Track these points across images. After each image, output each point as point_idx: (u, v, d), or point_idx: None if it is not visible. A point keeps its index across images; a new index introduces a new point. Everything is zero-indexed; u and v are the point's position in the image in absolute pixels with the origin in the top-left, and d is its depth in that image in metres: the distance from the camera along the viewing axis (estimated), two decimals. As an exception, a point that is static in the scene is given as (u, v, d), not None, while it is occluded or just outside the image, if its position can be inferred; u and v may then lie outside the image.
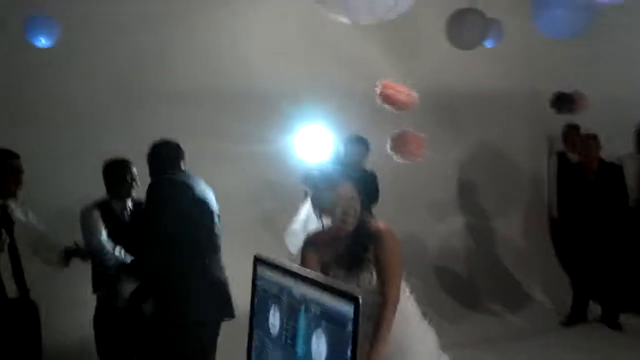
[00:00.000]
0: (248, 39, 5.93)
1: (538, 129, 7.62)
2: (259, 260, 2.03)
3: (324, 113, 4.99)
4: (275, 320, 1.87)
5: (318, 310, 1.64)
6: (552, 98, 6.55)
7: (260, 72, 5.75)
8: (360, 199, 2.93)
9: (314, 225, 3.37)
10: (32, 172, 3.74)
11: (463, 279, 7.08)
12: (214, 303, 3.59)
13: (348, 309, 1.52)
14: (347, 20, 3.09)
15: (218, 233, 3.74)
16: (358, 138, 5.06)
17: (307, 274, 1.76)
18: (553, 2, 4.61)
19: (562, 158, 7.07)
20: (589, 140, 6.31)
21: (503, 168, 7.47)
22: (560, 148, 7.16)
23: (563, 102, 6.43)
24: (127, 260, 3.89)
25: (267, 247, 3.54)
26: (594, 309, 6.50)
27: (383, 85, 4.35)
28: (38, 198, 4.17)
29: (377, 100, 4.41)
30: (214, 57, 5.67)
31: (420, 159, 4.56)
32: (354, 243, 2.92)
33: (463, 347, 5.17)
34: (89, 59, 5.20)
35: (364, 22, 3.08)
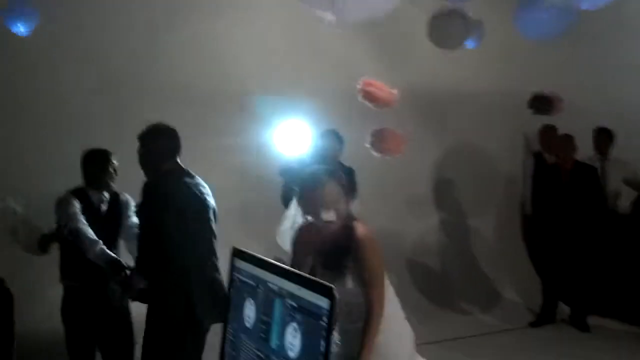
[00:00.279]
0: (232, 37, 5.93)
1: (516, 129, 7.69)
2: (237, 253, 2.04)
3: (306, 109, 5.01)
4: (251, 313, 1.89)
5: (294, 303, 1.66)
6: (529, 99, 6.62)
7: (243, 68, 5.76)
8: (346, 200, 2.87)
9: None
10: (18, 162, 3.70)
11: (436, 276, 7.14)
12: (214, 304, 3.37)
13: (323, 302, 1.54)
14: (332, 19, 3.10)
15: (215, 232, 3.61)
16: (332, 132, 5.04)
17: (283, 267, 1.78)
18: (534, 4, 4.66)
19: (538, 158, 7.15)
20: (565, 141, 6.37)
21: (480, 167, 7.52)
22: (537, 148, 7.25)
23: (540, 103, 6.49)
24: (109, 253, 3.78)
25: (245, 239, 3.58)
26: (563, 310, 6.58)
27: (364, 83, 4.37)
28: (22, 186, 4.15)
29: (358, 98, 4.43)
30: (198, 53, 5.67)
31: (399, 156, 4.60)
32: (337, 246, 2.85)
33: (433, 344, 5.24)
34: (75, 52, 5.17)
35: (349, 20, 3.10)
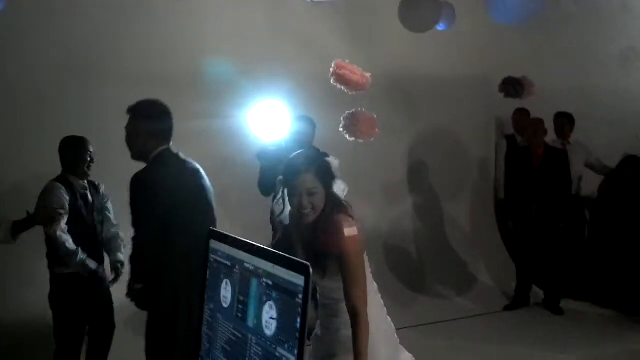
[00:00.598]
0: (205, 18, 5.88)
1: (489, 113, 7.77)
2: (212, 234, 2.04)
3: (279, 93, 4.99)
4: (227, 293, 1.89)
5: (269, 282, 1.67)
6: (501, 82, 6.69)
7: (217, 50, 5.72)
8: (326, 192, 2.70)
9: None
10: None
11: (411, 261, 7.18)
12: None
13: (298, 280, 1.54)
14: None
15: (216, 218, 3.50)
16: (304, 117, 5.04)
17: (258, 247, 1.78)
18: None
19: (511, 141, 7.23)
20: (535, 125, 6.43)
21: (453, 150, 7.58)
22: (511, 132, 7.33)
23: (511, 86, 6.56)
24: (89, 264, 3.83)
25: (221, 221, 3.56)
26: (537, 294, 6.67)
27: (337, 66, 4.34)
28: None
29: (330, 80, 4.41)
30: (169, 35, 5.61)
31: (372, 139, 4.60)
32: (318, 241, 2.70)
33: (409, 329, 5.30)
34: (46, 35, 5.10)
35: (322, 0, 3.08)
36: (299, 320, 1.53)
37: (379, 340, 2.71)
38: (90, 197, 4.05)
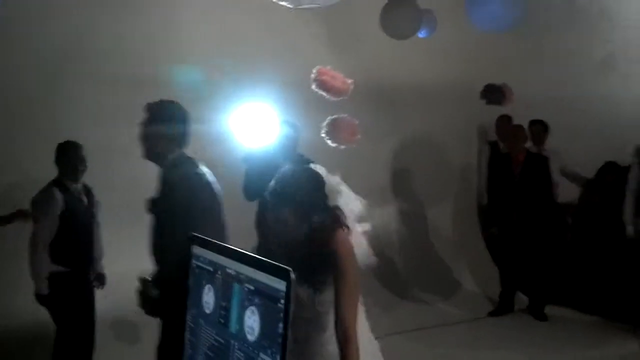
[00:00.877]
0: (190, 23, 5.87)
1: (472, 120, 7.79)
2: (194, 239, 2.03)
3: (263, 98, 4.98)
4: (210, 299, 1.88)
5: (251, 287, 1.66)
6: (482, 89, 6.73)
7: (200, 54, 5.71)
8: (304, 224, 2.53)
9: None
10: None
11: (395, 267, 7.16)
12: None
13: (280, 285, 1.54)
14: (288, 5, 3.09)
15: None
16: (288, 122, 5.03)
17: (240, 252, 1.77)
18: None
19: (494, 147, 7.27)
20: (516, 132, 6.48)
21: (437, 157, 7.59)
22: (494, 138, 7.37)
23: (492, 93, 6.61)
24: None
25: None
26: (522, 300, 6.68)
27: (318, 72, 4.33)
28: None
29: (312, 86, 4.40)
30: (150, 37, 5.60)
31: (353, 145, 4.59)
32: (312, 255, 2.56)
33: (394, 335, 5.27)
34: (39, 37, 5.11)
35: (305, 6, 3.09)
36: (281, 326, 1.53)
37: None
38: (86, 199, 4.27)
